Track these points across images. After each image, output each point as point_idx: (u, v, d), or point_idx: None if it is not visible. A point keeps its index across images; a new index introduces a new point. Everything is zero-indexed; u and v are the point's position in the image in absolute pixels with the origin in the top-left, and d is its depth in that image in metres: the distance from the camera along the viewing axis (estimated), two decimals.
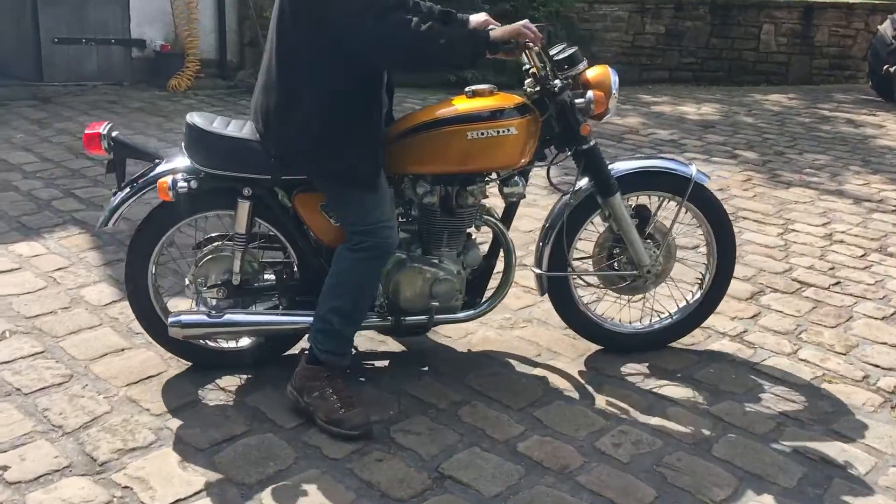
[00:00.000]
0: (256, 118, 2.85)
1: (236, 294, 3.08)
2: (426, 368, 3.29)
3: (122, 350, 3.32)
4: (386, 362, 3.34)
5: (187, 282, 3.13)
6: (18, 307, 3.66)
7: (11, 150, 5.83)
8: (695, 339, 3.57)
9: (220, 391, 3.08)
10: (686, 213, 3.34)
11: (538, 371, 3.30)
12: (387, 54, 2.71)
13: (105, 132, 2.93)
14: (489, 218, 3.17)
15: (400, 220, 3.08)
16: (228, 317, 3.02)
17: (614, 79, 3.09)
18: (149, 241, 3.04)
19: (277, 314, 3.08)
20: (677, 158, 3.36)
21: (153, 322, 3.11)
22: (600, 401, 3.12)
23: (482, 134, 2.94)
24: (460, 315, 3.19)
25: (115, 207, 2.98)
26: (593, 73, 3.12)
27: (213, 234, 3.13)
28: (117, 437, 2.78)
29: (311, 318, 2.99)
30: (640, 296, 3.42)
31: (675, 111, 8.28)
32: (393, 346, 3.44)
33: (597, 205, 3.22)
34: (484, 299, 3.24)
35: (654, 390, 3.20)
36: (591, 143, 3.11)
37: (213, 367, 3.19)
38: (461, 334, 3.53)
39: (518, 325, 3.63)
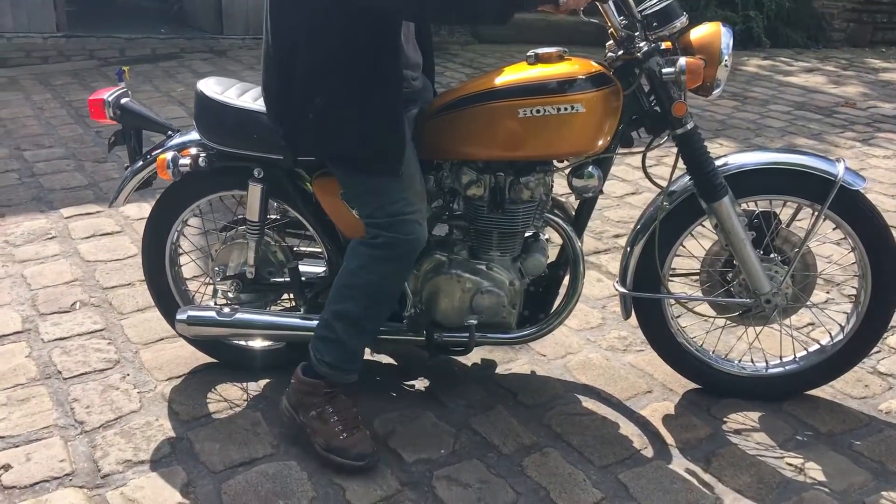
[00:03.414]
0: (262, 93, 2.38)
1: (251, 289, 2.66)
2: (502, 394, 2.70)
3: (177, 337, 3.01)
4: (454, 380, 2.78)
5: (208, 271, 2.75)
6: (101, 275, 3.49)
7: (167, 104, 5.81)
8: (869, 390, 2.72)
9: (262, 399, 2.69)
10: (826, 224, 2.50)
11: (643, 413, 2.61)
12: (393, 2, 2.14)
13: (111, 99, 2.58)
14: (553, 217, 2.52)
15: (445, 214, 2.52)
16: (240, 316, 2.60)
17: (726, 41, 2.31)
18: (163, 223, 2.69)
19: (298, 317, 2.61)
20: (822, 154, 2.51)
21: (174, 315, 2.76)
22: (714, 468, 2.39)
23: (538, 111, 2.29)
24: (511, 335, 2.57)
25: (122, 185, 2.65)
26: (699, 32, 2.35)
27: (239, 217, 2.71)
28: (131, 445, 2.47)
29: None
30: (763, 327, 2.63)
31: None
32: (477, 354, 2.87)
33: (700, 210, 2.46)
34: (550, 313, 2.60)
35: (792, 461, 2.42)
36: (688, 127, 2.36)
37: (249, 369, 2.81)
38: (559, 352, 2.91)
39: (633, 349, 2.94)
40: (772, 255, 2.50)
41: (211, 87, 2.51)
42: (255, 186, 2.50)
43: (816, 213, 2.43)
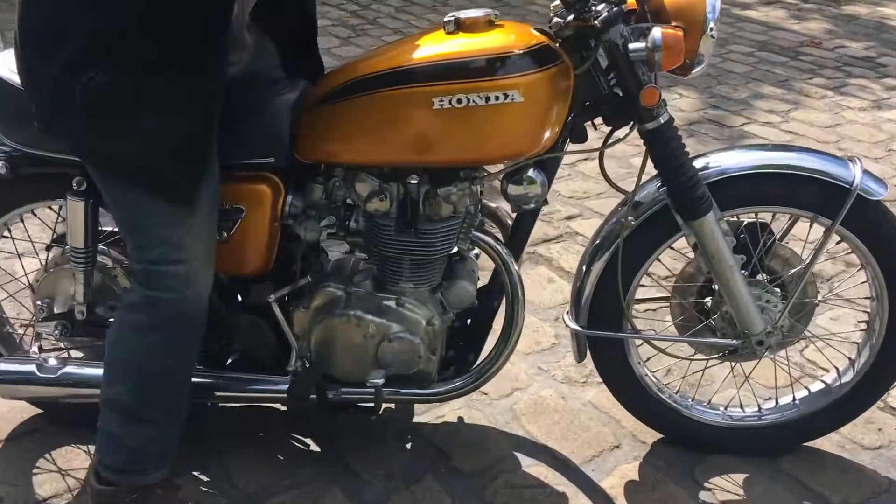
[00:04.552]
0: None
1: (85, 333, 2.01)
2: (432, 456, 2.10)
3: None
4: (369, 438, 2.16)
5: (30, 307, 2.09)
6: None
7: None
8: (883, 436, 2.18)
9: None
10: (838, 241, 1.93)
11: (609, 481, 2.03)
12: None
13: None
14: (481, 237, 1.90)
15: (341, 233, 1.89)
16: (70, 370, 1.96)
17: (711, 3, 1.69)
18: None
19: None
20: (831, 153, 1.93)
21: None
22: None
23: (459, 102, 1.66)
24: (431, 392, 1.97)
25: None
26: None
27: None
28: None
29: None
30: (755, 365, 2.08)
31: (875, 15, 6.25)
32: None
33: (676, 225, 1.87)
34: (478, 363, 2.00)
35: None
36: (661, 121, 1.75)
37: None
38: (504, 388, 2.31)
39: (594, 380, 2.30)
40: (759, 277, 1.93)
41: (6, 63, 1.80)
42: (77, 202, 1.83)
43: (826, 231, 1.86)
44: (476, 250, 1.95)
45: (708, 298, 2.01)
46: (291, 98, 1.80)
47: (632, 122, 1.80)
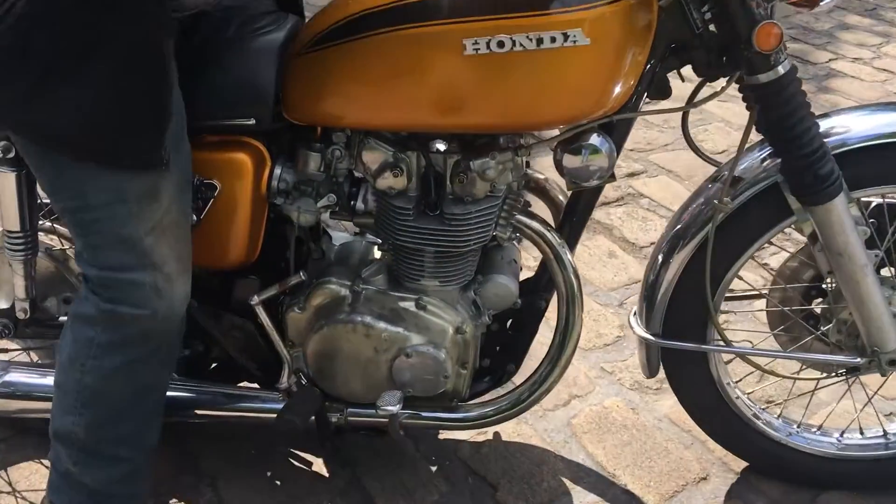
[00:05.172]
0: None
1: (32, 334, 1.62)
2: (473, 488, 1.69)
3: None
4: (396, 461, 1.75)
5: None
6: None
7: None
8: None
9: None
10: None
11: None
12: None
13: None
14: (526, 220, 1.46)
15: (338, 210, 1.46)
16: (11, 378, 1.59)
17: None
18: None
19: None
20: None
21: None
22: None
23: (501, 45, 1.21)
24: (459, 416, 1.55)
25: None
26: None
27: None
28: None
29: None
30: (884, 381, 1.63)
31: None
32: None
33: (786, 209, 1.41)
34: (525, 379, 1.58)
35: None
36: (780, 71, 1.27)
37: None
38: (560, 394, 1.87)
39: (669, 389, 1.75)
40: (889, 273, 1.47)
41: None
42: (6, 173, 1.42)
43: None
44: (517, 236, 1.51)
45: (817, 302, 1.56)
46: (278, 39, 1.36)
47: (735, 73, 1.33)
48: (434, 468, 1.72)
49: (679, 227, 1.50)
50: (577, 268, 1.48)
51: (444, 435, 1.79)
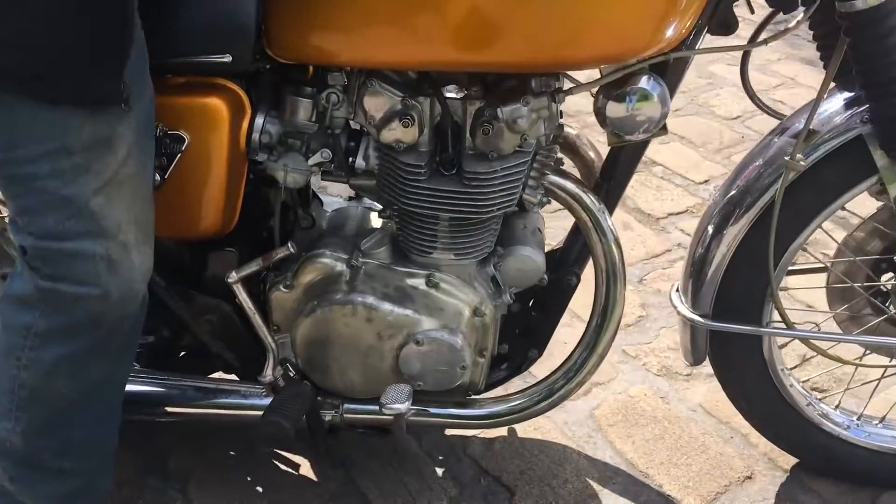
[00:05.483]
0: None
1: None
2: (488, 493, 1.46)
3: None
4: (400, 462, 1.52)
5: None
6: None
7: None
8: None
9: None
10: None
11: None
12: None
13: None
14: (558, 180, 1.22)
15: (333, 168, 1.21)
16: None
17: None
18: None
19: None
20: None
21: None
22: None
23: None
24: (474, 413, 1.33)
25: None
26: None
27: None
28: None
29: None
30: None
31: None
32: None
33: (869, 166, 1.19)
34: (558, 366, 1.35)
35: None
36: (870, 2, 1.05)
37: None
38: (610, 386, 1.66)
39: (702, 375, 1.66)
40: None
41: None
42: None
43: None
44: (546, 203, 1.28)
45: (887, 278, 1.34)
46: None
47: (812, 6, 1.10)
48: (441, 469, 1.50)
49: (733, 192, 1.28)
50: (619, 237, 1.25)
51: (452, 430, 1.56)
